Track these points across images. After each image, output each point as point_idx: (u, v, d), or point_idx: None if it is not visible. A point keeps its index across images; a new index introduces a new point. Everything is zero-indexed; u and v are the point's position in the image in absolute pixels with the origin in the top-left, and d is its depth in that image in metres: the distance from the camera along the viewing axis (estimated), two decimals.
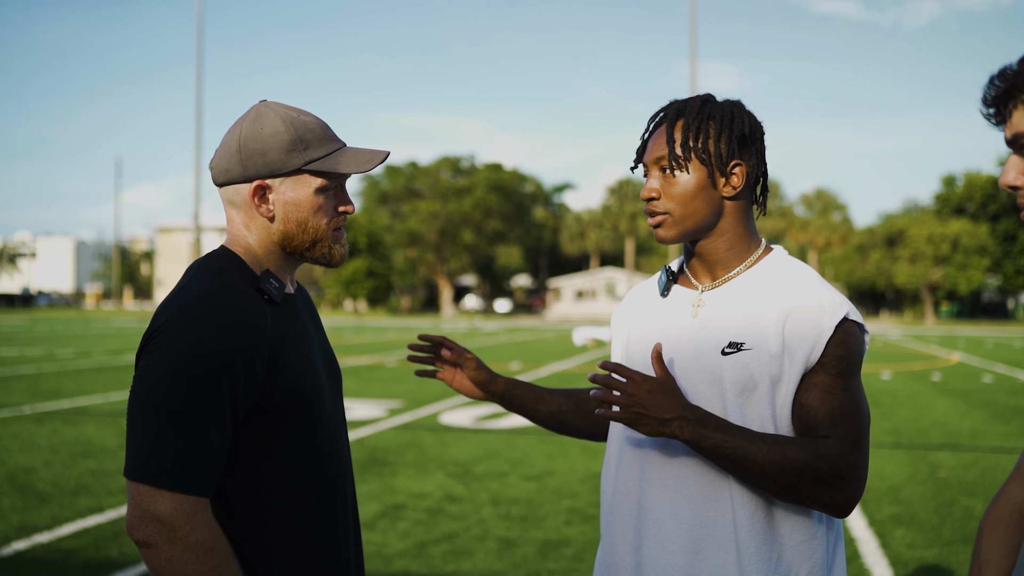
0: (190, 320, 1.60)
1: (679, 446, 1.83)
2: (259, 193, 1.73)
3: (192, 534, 1.53)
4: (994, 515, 1.66)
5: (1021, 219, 1.44)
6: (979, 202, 71.04)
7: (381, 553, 5.57)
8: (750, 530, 1.78)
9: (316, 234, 1.76)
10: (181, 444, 1.55)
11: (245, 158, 1.71)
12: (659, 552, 1.83)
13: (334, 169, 1.72)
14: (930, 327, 58.26)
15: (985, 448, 9.79)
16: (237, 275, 1.71)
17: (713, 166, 1.85)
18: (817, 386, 1.77)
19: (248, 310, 1.65)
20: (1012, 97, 1.38)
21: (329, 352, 1.93)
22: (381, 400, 13.53)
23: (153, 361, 1.59)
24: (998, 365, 22.46)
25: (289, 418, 1.69)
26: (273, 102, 1.77)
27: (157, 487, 1.54)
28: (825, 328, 1.77)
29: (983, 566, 1.63)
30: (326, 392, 1.80)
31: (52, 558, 5.39)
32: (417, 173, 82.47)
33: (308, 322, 1.85)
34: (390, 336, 36.40)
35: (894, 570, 5.35)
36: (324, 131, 1.76)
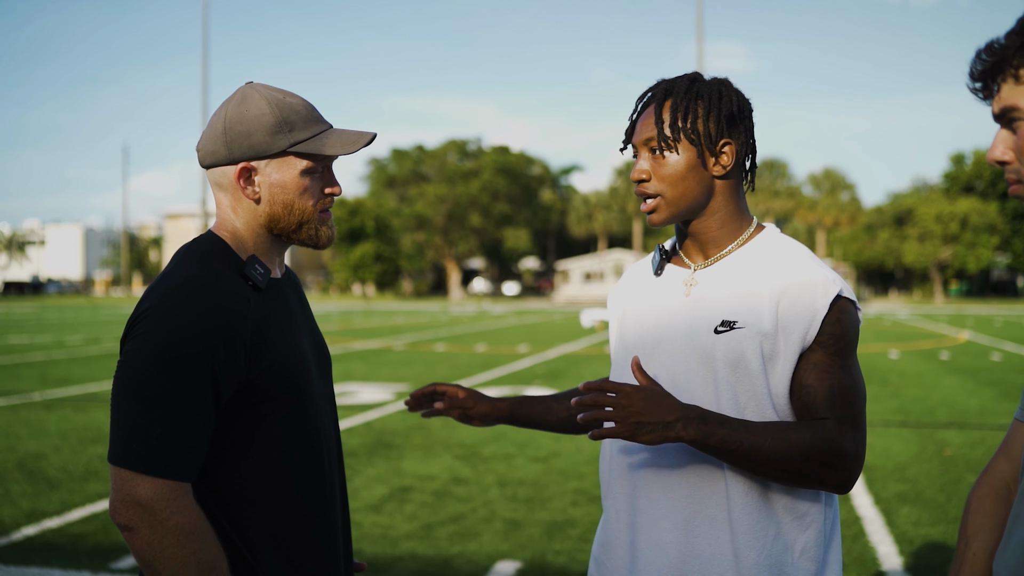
0: (172, 306, 1.61)
1: None
2: (244, 175, 1.73)
3: (173, 518, 1.55)
4: (981, 490, 1.67)
5: (1010, 194, 1.43)
6: (988, 180, 70.72)
7: (388, 535, 5.60)
8: (744, 507, 1.79)
9: (302, 216, 1.76)
10: (162, 429, 1.56)
11: (230, 140, 1.72)
12: (652, 529, 1.84)
13: (319, 151, 1.72)
14: (939, 306, 58.14)
15: (992, 426, 9.78)
16: (221, 261, 1.72)
17: (703, 146, 1.84)
18: (816, 365, 1.77)
19: (230, 296, 1.65)
20: (1000, 71, 1.37)
21: (318, 337, 1.93)
22: (389, 383, 13.57)
23: (135, 347, 1.60)
24: (1007, 343, 22.42)
25: (274, 402, 1.70)
26: (259, 84, 1.77)
27: (138, 471, 1.55)
28: (820, 306, 1.78)
29: (970, 540, 1.64)
30: (313, 376, 1.80)
31: (61, 543, 5.43)
32: (424, 156, 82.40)
33: (295, 307, 1.85)
34: (398, 320, 36.46)
35: (899, 547, 5.36)
36: (310, 113, 1.76)
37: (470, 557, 5.21)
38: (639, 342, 1.92)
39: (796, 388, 1.79)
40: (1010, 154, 1.40)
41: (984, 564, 1.61)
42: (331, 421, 1.88)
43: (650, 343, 1.90)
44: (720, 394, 1.80)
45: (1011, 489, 1.63)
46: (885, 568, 5.01)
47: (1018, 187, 1.41)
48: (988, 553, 1.61)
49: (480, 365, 16.60)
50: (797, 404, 1.79)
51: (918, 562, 5.12)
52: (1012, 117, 1.38)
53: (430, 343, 22.76)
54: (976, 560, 1.62)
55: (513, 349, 20.59)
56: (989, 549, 1.61)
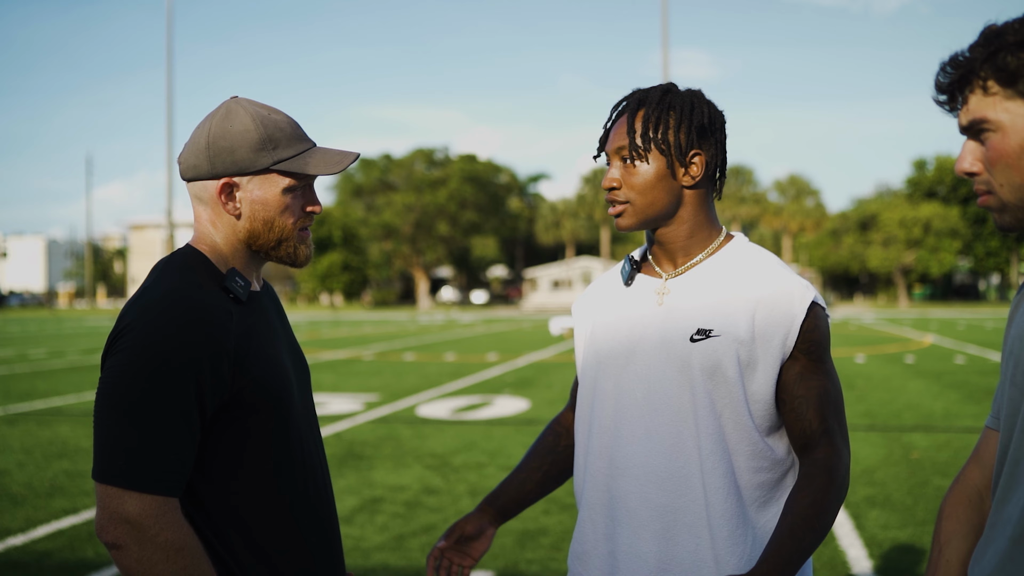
0: (153, 319, 1.59)
1: (646, 434, 1.84)
2: (226, 191, 1.72)
3: (161, 534, 1.53)
4: (954, 497, 1.68)
5: (979, 204, 1.45)
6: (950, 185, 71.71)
7: (359, 547, 5.57)
8: (723, 514, 1.79)
9: (282, 233, 1.75)
10: (147, 444, 1.55)
11: (213, 155, 1.71)
12: (632, 540, 1.84)
13: (303, 170, 1.72)
14: (903, 310, 58.78)
15: (958, 428, 9.89)
16: (202, 273, 1.70)
17: (672, 156, 1.87)
18: (802, 375, 1.82)
19: (213, 308, 1.64)
20: (968, 83, 1.38)
21: (296, 349, 1.92)
22: (358, 394, 13.50)
23: (118, 362, 1.58)
24: (970, 346, 22.69)
25: (257, 415, 1.68)
26: (244, 99, 1.76)
27: (124, 488, 1.53)
28: (797, 313, 1.81)
29: (943, 547, 1.64)
30: (294, 388, 1.79)
31: (26, 560, 5.34)
32: (391, 166, 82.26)
33: (275, 319, 1.85)
34: (367, 330, 36.31)
35: (869, 551, 5.40)
36: (294, 130, 1.75)
37: None
38: (612, 353, 1.92)
39: (786, 399, 1.83)
40: (979, 165, 1.42)
41: (958, 571, 1.61)
42: (313, 431, 1.87)
43: (623, 354, 1.90)
44: (697, 402, 1.81)
45: (983, 496, 1.64)
46: (855, 571, 5.05)
47: (988, 198, 1.43)
48: (962, 560, 1.61)
49: (449, 374, 16.56)
50: (789, 414, 1.83)
51: (887, 564, 5.15)
52: (980, 129, 1.39)
53: (399, 352, 22.69)
54: (950, 567, 1.62)
55: (482, 358, 20.57)
56: (963, 556, 1.61)
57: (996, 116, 1.37)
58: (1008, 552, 1.42)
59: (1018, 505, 1.42)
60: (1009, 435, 1.47)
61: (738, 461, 1.82)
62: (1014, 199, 1.39)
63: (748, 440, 1.82)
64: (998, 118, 1.37)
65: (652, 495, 1.83)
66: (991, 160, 1.39)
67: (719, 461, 1.80)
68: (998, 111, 1.36)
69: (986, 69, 1.36)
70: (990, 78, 1.36)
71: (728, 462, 1.81)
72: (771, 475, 1.85)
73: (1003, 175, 1.38)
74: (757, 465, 1.83)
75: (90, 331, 37.30)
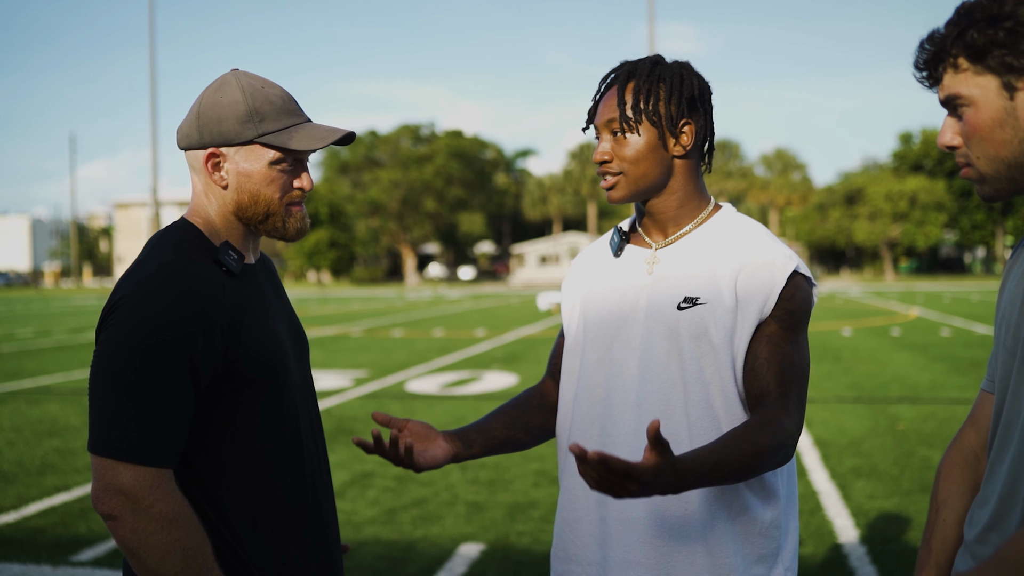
0: (146, 294, 1.61)
1: (637, 403, 1.86)
2: (213, 160, 1.75)
3: (156, 505, 1.55)
4: (951, 458, 1.72)
5: (961, 176, 1.50)
6: (936, 159, 71.88)
7: (351, 521, 5.60)
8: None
9: (268, 207, 1.77)
10: (142, 417, 1.57)
11: (203, 125, 1.74)
12: (623, 506, 1.86)
13: (284, 144, 1.73)
14: (889, 283, 59.06)
15: (943, 400, 9.98)
16: (195, 247, 1.72)
17: (664, 127, 1.88)
18: (769, 339, 1.82)
19: (205, 281, 1.66)
20: (941, 60, 1.43)
21: (294, 321, 1.94)
22: (347, 370, 13.52)
23: (111, 336, 1.60)
24: (955, 319, 22.84)
25: (252, 387, 1.71)
26: (243, 72, 1.79)
27: (120, 460, 1.55)
28: (777, 281, 1.82)
29: (941, 507, 1.68)
30: (291, 361, 1.81)
31: (19, 537, 5.36)
32: (377, 142, 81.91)
33: (270, 292, 1.86)
34: (354, 306, 36.29)
35: (855, 520, 5.47)
36: (285, 105, 1.77)
37: (433, 541, 5.23)
38: (602, 322, 1.94)
39: (749, 359, 1.83)
40: (958, 139, 1.47)
41: (955, 530, 1.65)
42: (310, 404, 1.89)
43: (614, 323, 1.92)
44: (686, 370, 1.83)
45: (979, 457, 1.68)
46: (842, 540, 5.11)
47: (968, 170, 1.48)
48: (959, 519, 1.65)
49: (438, 350, 16.60)
50: (749, 374, 1.81)
51: (873, 534, 5.22)
52: (956, 104, 1.44)
53: (387, 329, 22.70)
54: (947, 526, 1.66)
55: (471, 333, 20.61)
56: (959, 516, 1.65)
57: (968, 92, 1.42)
58: (998, 509, 1.47)
59: (1006, 464, 1.46)
60: (1002, 398, 1.52)
61: (725, 427, 1.84)
62: (991, 171, 1.44)
63: (736, 406, 1.84)
64: (970, 93, 1.41)
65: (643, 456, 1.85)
66: (967, 134, 1.44)
67: (707, 428, 1.83)
68: (970, 87, 1.41)
69: (957, 46, 1.41)
70: (960, 55, 1.41)
71: (717, 429, 1.83)
72: None
73: (979, 148, 1.43)
74: None
75: (76, 310, 37.16)
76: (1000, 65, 1.38)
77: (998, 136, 1.40)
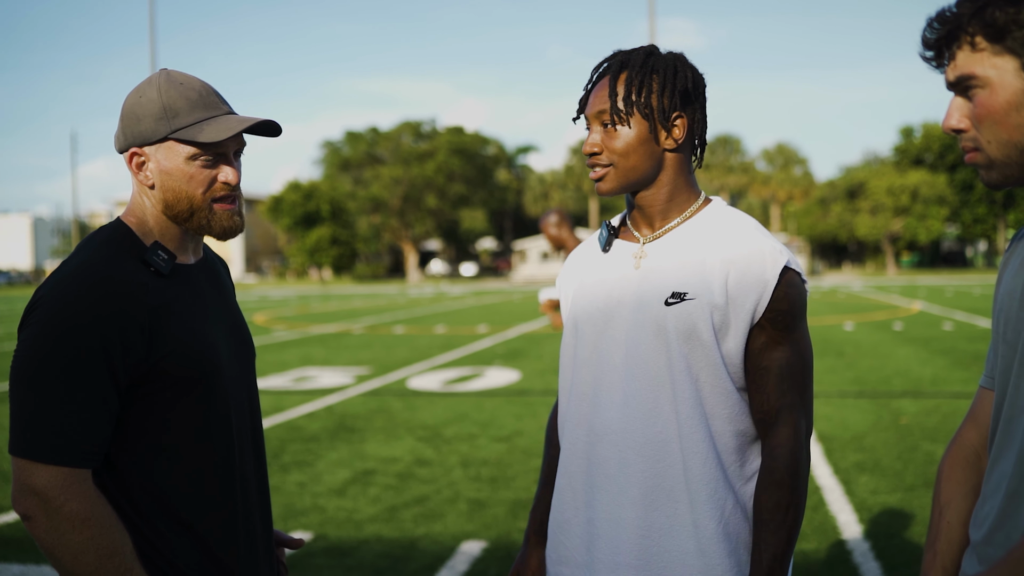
0: (61, 293, 1.61)
1: (624, 400, 1.84)
2: (137, 160, 1.75)
3: (67, 505, 1.55)
4: (951, 458, 1.68)
5: (966, 161, 1.45)
6: (937, 152, 71.73)
7: (352, 519, 5.59)
8: (701, 479, 1.80)
9: (191, 204, 1.75)
10: (55, 417, 1.56)
11: (125, 126, 1.75)
12: (611, 506, 1.84)
13: (194, 138, 1.71)
14: (891, 277, 59.00)
15: (946, 394, 9.96)
16: (121, 247, 1.71)
17: (655, 120, 1.85)
18: (766, 345, 1.81)
19: (122, 281, 1.65)
20: (955, 39, 1.37)
21: (239, 324, 1.92)
22: (349, 367, 13.51)
23: (27, 336, 1.61)
24: (958, 313, 22.80)
25: (176, 387, 1.69)
26: (169, 71, 1.77)
27: (34, 460, 1.55)
28: (769, 278, 1.79)
29: (944, 509, 1.64)
30: (224, 363, 1.78)
31: (19, 537, 5.34)
32: (378, 139, 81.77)
33: (208, 292, 1.84)
34: (356, 303, 36.27)
35: (858, 515, 5.45)
36: (203, 99, 1.74)
37: (435, 538, 5.22)
38: (590, 318, 1.92)
39: (750, 367, 1.82)
40: (966, 122, 1.41)
41: (959, 532, 1.61)
42: (251, 407, 1.87)
43: (601, 319, 1.90)
44: (673, 365, 1.81)
45: (980, 456, 1.64)
46: (845, 536, 5.09)
47: (975, 155, 1.42)
48: (963, 521, 1.62)
49: (440, 346, 16.58)
50: (751, 384, 1.83)
51: (877, 529, 5.20)
52: (968, 85, 1.38)
53: (389, 326, 22.68)
54: (951, 528, 1.63)
55: (472, 330, 20.59)
56: (963, 516, 1.62)
57: (984, 72, 1.36)
58: (1004, 508, 1.43)
59: (1011, 462, 1.43)
60: (1003, 393, 1.48)
61: (716, 425, 1.82)
62: (1001, 156, 1.39)
63: (727, 403, 1.82)
64: (986, 74, 1.36)
65: (631, 461, 1.82)
66: (978, 116, 1.38)
67: (697, 426, 1.80)
68: (986, 67, 1.36)
69: (974, 24, 1.35)
70: (978, 34, 1.35)
71: (706, 426, 1.81)
72: (749, 435, 1.85)
73: (990, 131, 1.38)
74: (735, 429, 1.83)
75: None
76: (1020, 46, 1.33)
77: (1012, 119, 1.36)
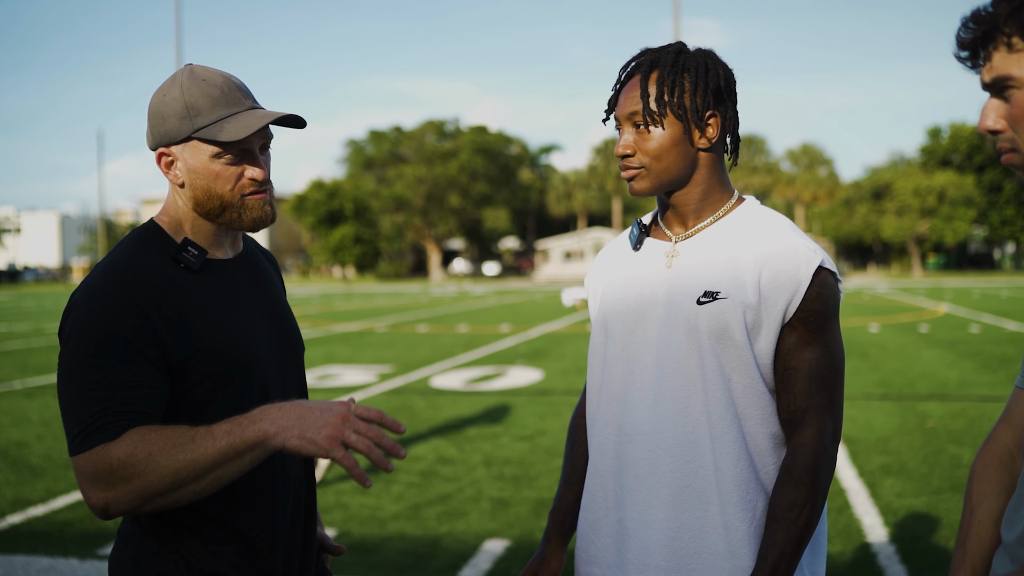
0: (90, 294, 1.64)
1: (655, 400, 1.82)
2: (165, 160, 1.75)
3: (119, 469, 1.53)
4: (985, 458, 1.67)
5: (1002, 163, 1.42)
6: (964, 153, 71.05)
7: (376, 516, 5.60)
8: (733, 480, 1.78)
9: (222, 201, 1.75)
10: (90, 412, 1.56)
11: (152, 126, 1.75)
12: (641, 507, 1.83)
13: (215, 137, 1.70)
14: (917, 279, 58.53)
15: (973, 397, 9.87)
16: (152, 245, 1.73)
17: (689, 120, 1.82)
18: (797, 345, 1.79)
19: (147, 276, 1.66)
20: (992, 39, 1.35)
21: (282, 318, 1.91)
22: (372, 365, 13.54)
23: (67, 340, 1.62)
24: (984, 315, 22.59)
25: (210, 383, 1.69)
26: (193, 67, 1.76)
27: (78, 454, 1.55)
28: (802, 278, 1.77)
29: (975, 508, 1.63)
30: (263, 357, 1.78)
31: (48, 530, 5.40)
32: (402, 138, 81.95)
33: (245, 286, 1.84)
34: (379, 302, 36.37)
35: (884, 519, 5.41)
36: (224, 96, 1.73)
37: (458, 536, 5.23)
38: (620, 317, 1.90)
39: (779, 367, 1.80)
40: (1002, 123, 1.39)
41: (991, 531, 1.60)
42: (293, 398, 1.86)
43: (632, 318, 1.88)
44: (705, 364, 1.79)
45: (1014, 456, 1.63)
46: (870, 539, 5.06)
47: (1012, 156, 1.40)
48: (994, 520, 1.60)
49: (463, 345, 16.59)
50: (779, 384, 1.81)
51: (903, 532, 5.16)
52: (1005, 86, 1.36)
53: (412, 324, 22.73)
54: (982, 527, 1.61)
55: (495, 329, 20.59)
56: (995, 516, 1.60)
57: (1021, 73, 1.34)
58: None
59: None
60: None
61: (748, 426, 1.80)
62: None
63: (759, 403, 1.80)
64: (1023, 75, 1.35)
65: (661, 461, 1.81)
66: (1015, 118, 1.36)
67: (729, 426, 1.79)
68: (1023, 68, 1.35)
69: (1011, 25, 1.33)
70: (1015, 34, 1.33)
71: (738, 427, 1.79)
72: (782, 437, 1.83)
73: None
74: (768, 431, 1.82)
75: None
76: None
77: None
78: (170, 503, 1.54)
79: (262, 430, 1.51)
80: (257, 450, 1.52)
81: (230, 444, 1.51)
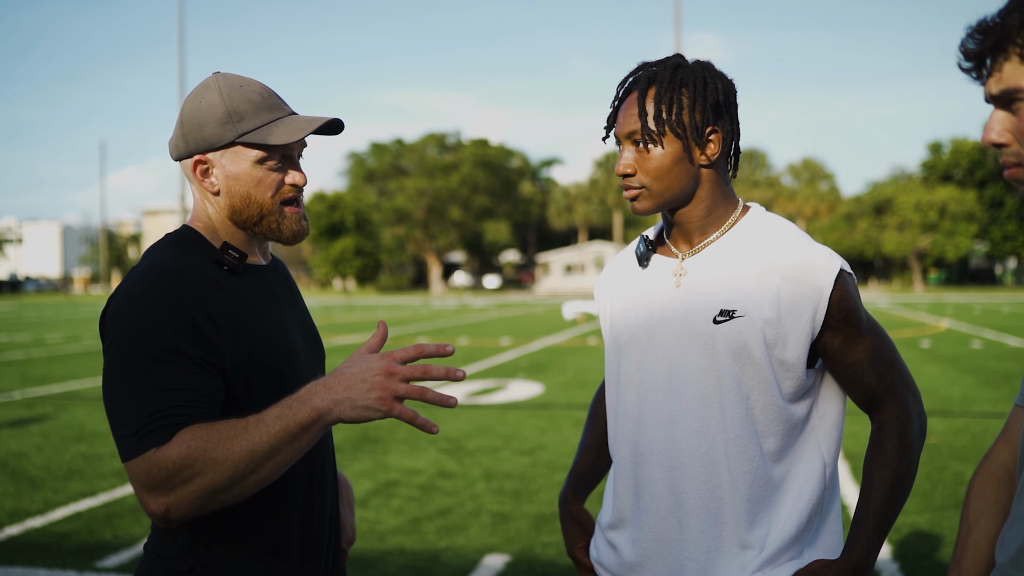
0: (132, 296, 1.60)
1: (670, 420, 1.81)
2: (201, 167, 1.72)
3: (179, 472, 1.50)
4: (982, 476, 1.65)
5: (1005, 177, 1.39)
6: (966, 168, 71.10)
7: (375, 530, 5.58)
8: (748, 499, 1.77)
9: (262, 208, 1.73)
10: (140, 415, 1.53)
11: (186, 132, 1.72)
12: (657, 527, 1.83)
13: (265, 141, 1.69)
14: (918, 294, 58.50)
15: (975, 413, 9.84)
16: (193, 247, 1.71)
17: (689, 138, 1.79)
18: (845, 343, 1.80)
19: (192, 273, 1.64)
20: (1002, 49, 1.32)
21: (311, 329, 1.92)
22: None
23: (110, 344, 1.58)
24: (986, 331, 22.56)
25: (255, 387, 1.66)
26: (225, 73, 1.75)
27: (131, 459, 1.52)
28: (824, 285, 1.75)
29: (971, 527, 1.61)
30: (302, 364, 1.78)
31: (46, 542, 5.37)
32: (403, 150, 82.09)
33: (281, 295, 1.84)
34: (380, 314, 36.34)
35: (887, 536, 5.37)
36: (265, 101, 1.72)
37: (458, 551, 5.20)
38: (631, 337, 1.88)
39: (840, 369, 1.81)
40: (1008, 135, 1.36)
41: (986, 551, 1.58)
42: None
43: (643, 338, 1.86)
44: (723, 383, 1.77)
45: (1012, 475, 1.61)
46: None
47: (1017, 170, 1.38)
48: (990, 540, 1.58)
49: (463, 358, 16.57)
50: (847, 383, 1.83)
51: (905, 550, 5.13)
52: (1013, 98, 1.34)
53: (412, 337, 22.69)
54: (978, 547, 1.59)
55: (495, 342, 20.57)
56: (991, 536, 1.58)
57: None
58: None
59: None
60: None
61: (767, 443, 1.79)
62: None
63: (779, 419, 1.78)
64: None
65: (677, 481, 1.80)
66: (1023, 131, 1.34)
67: (746, 445, 1.77)
68: None
69: (1023, 36, 1.31)
70: None
71: (756, 445, 1.77)
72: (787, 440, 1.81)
73: None
74: (786, 445, 1.81)
75: None
76: None
77: None
78: (232, 499, 1.52)
79: (315, 407, 1.50)
80: (312, 429, 1.51)
81: (284, 427, 1.49)
